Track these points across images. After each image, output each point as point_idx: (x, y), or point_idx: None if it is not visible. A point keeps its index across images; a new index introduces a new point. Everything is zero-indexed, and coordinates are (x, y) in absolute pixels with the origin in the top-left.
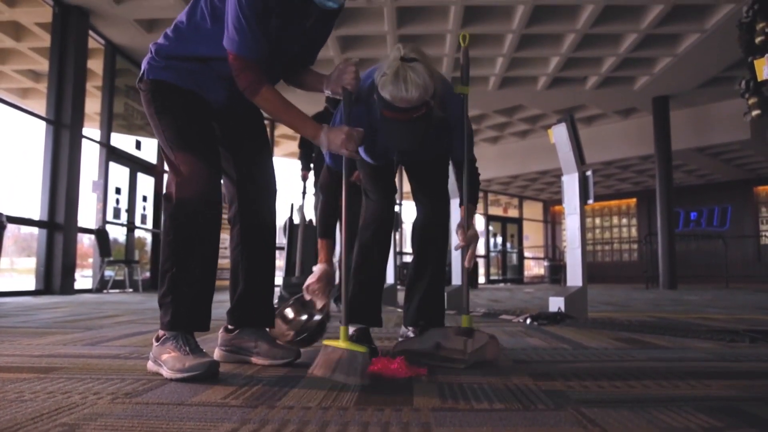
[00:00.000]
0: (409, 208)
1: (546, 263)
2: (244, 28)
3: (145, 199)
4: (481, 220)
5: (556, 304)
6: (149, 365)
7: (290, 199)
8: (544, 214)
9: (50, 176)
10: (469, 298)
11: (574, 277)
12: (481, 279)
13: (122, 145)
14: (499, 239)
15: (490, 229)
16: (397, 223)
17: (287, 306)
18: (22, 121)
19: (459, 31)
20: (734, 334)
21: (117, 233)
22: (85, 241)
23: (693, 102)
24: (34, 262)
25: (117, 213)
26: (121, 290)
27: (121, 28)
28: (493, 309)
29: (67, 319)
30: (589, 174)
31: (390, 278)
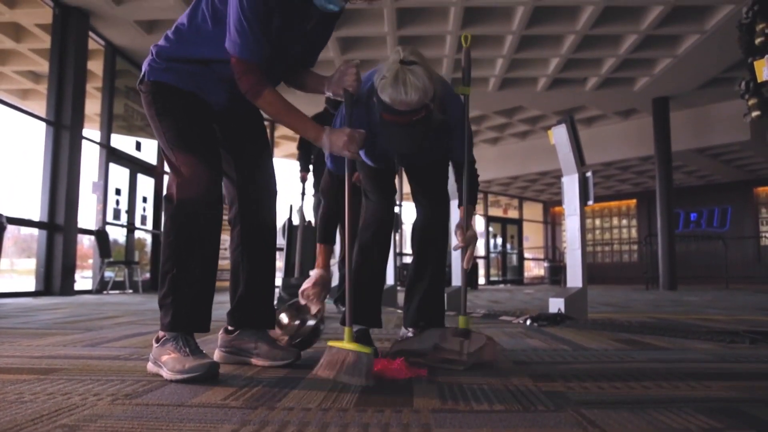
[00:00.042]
0: (409, 209)
1: (546, 264)
2: (246, 31)
3: (145, 200)
4: (481, 221)
5: (556, 305)
6: (149, 366)
7: (289, 200)
8: (544, 215)
9: (50, 177)
10: (466, 299)
11: (574, 278)
12: (481, 280)
13: (122, 146)
14: (499, 240)
15: (490, 230)
16: (397, 224)
17: (282, 311)
18: (22, 122)
19: (459, 32)
20: (734, 335)
21: (117, 234)
22: (85, 242)
23: (693, 103)
24: (34, 263)
25: (117, 214)
26: (121, 291)
27: (121, 29)
28: (493, 310)
29: (67, 320)
30: (589, 175)
31: (390, 279)
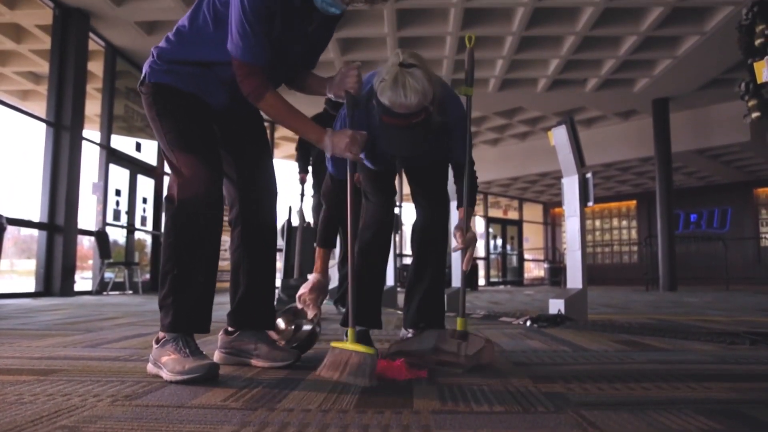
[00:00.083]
0: (409, 211)
1: (546, 265)
2: (248, 34)
3: (145, 201)
4: (481, 222)
5: (556, 306)
6: (149, 367)
7: (289, 201)
8: (544, 216)
9: (50, 178)
10: (465, 300)
11: (574, 279)
12: (481, 281)
13: (122, 147)
14: (499, 241)
15: (490, 231)
16: (397, 225)
17: (279, 316)
18: (23, 123)
19: (459, 33)
20: (734, 337)
21: (117, 235)
22: (85, 243)
23: (693, 104)
24: (34, 264)
25: (117, 215)
26: (121, 292)
27: (122, 30)
28: (493, 311)
29: (66, 321)
30: (589, 176)
31: (390, 280)
